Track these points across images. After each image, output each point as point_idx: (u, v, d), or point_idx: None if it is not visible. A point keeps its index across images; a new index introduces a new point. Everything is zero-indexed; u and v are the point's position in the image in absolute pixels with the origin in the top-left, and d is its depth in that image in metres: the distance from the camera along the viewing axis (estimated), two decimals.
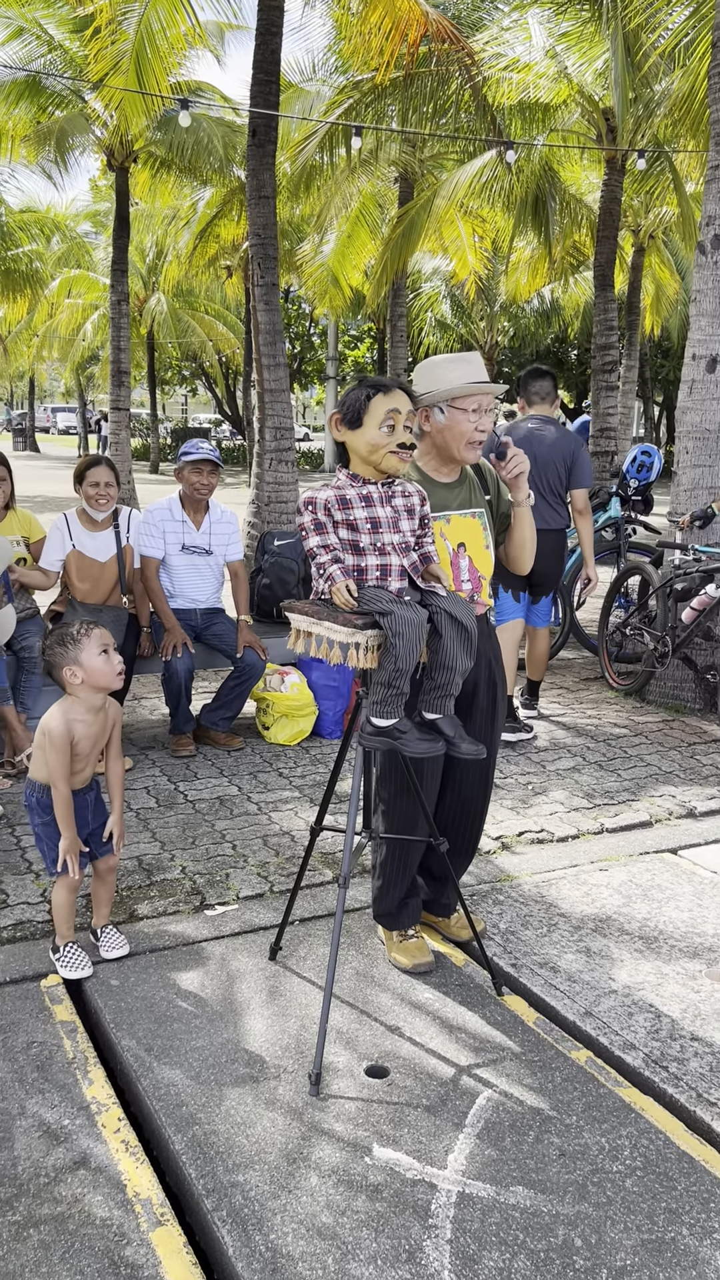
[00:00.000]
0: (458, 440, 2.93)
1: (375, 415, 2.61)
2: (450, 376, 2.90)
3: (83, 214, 28.37)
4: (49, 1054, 2.70)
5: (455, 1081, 2.62)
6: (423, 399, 2.90)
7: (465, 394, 2.88)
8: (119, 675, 3.00)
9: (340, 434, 2.68)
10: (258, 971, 3.10)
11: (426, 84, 11.86)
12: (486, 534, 3.06)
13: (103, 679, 2.97)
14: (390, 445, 2.61)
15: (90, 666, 2.95)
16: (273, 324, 10.03)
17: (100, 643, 2.97)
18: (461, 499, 3.04)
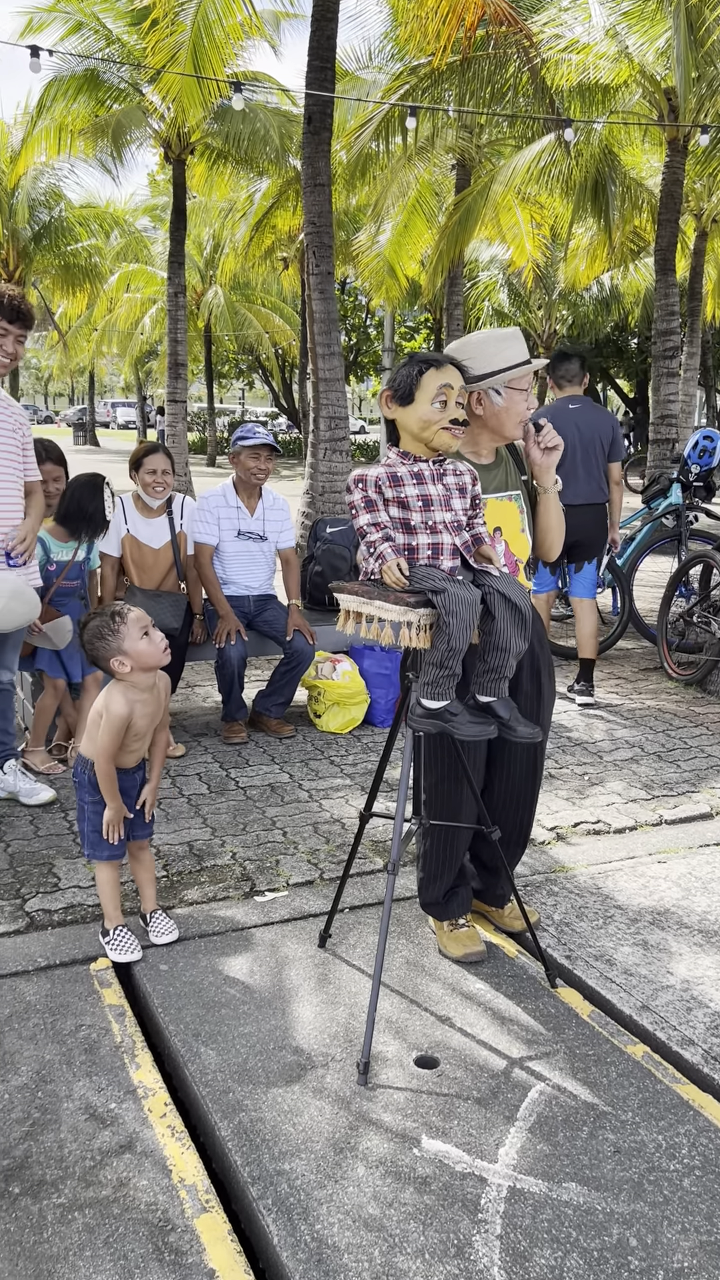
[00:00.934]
0: (512, 420, 2.86)
1: (427, 391, 2.54)
2: (503, 356, 2.82)
3: (141, 208, 28.58)
4: (97, 1037, 2.69)
5: (507, 1074, 2.56)
6: (483, 383, 2.83)
7: (526, 373, 2.81)
8: (165, 652, 2.97)
9: (391, 410, 2.62)
10: (307, 959, 3.06)
11: (484, 68, 11.71)
12: (523, 516, 2.99)
13: (150, 660, 2.94)
14: (443, 421, 2.55)
15: (136, 651, 2.92)
16: (327, 313, 9.99)
17: (139, 625, 2.94)
18: (498, 481, 2.97)
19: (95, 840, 3.01)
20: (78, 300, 23.11)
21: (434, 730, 2.64)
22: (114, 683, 2.98)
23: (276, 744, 4.98)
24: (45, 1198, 2.15)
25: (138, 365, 34.84)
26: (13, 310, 3.65)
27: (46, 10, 14.07)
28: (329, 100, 9.80)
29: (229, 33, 12.47)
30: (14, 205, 19.18)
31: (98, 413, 55.70)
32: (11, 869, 3.60)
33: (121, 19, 14.09)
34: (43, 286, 22.75)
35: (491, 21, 10.70)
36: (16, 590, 3.79)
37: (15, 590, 3.79)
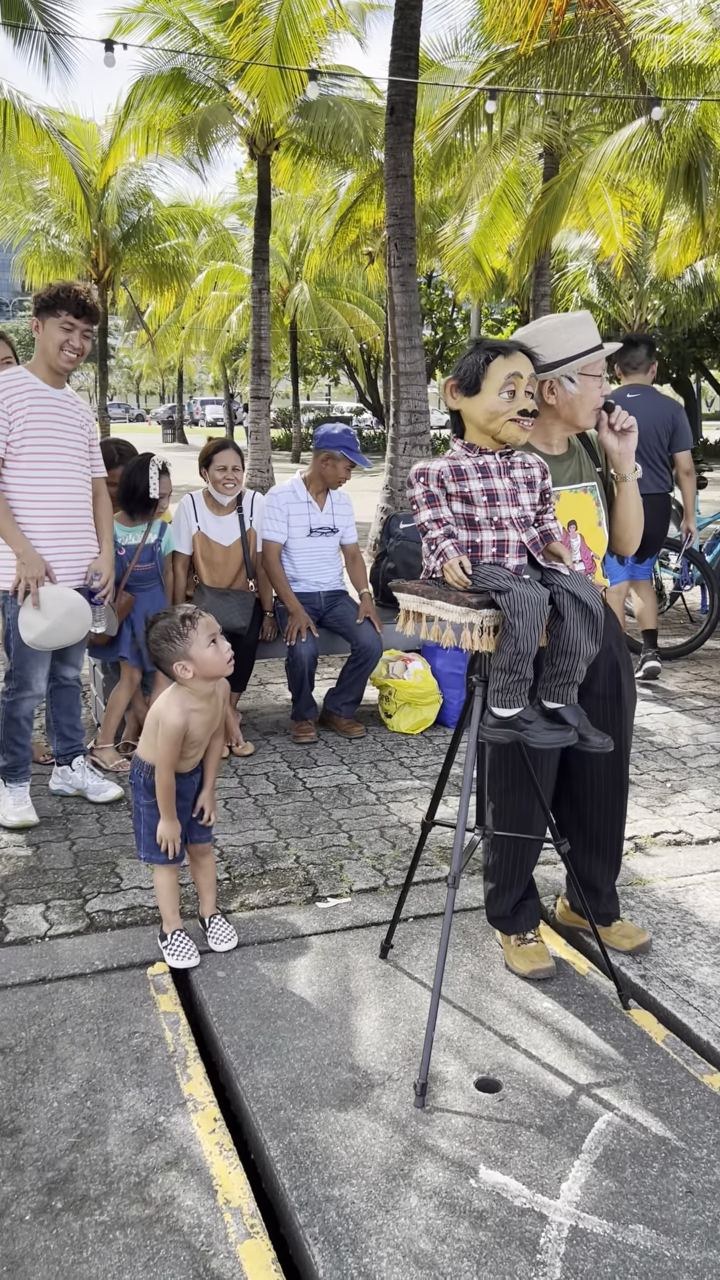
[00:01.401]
0: (586, 409, 2.72)
1: (494, 380, 2.41)
2: (575, 342, 2.67)
3: (229, 206, 28.78)
4: (150, 1045, 2.63)
5: (573, 1101, 2.42)
6: (558, 370, 2.68)
7: (599, 359, 2.66)
8: (229, 663, 2.89)
9: (456, 401, 2.49)
10: (367, 970, 2.96)
11: (572, 52, 11.43)
12: (599, 509, 2.83)
13: (214, 669, 2.86)
14: (510, 412, 2.41)
15: (200, 659, 2.84)
16: (409, 305, 9.86)
17: (208, 632, 2.85)
18: (571, 473, 2.81)
19: (152, 843, 2.95)
20: (165, 299, 23.37)
21: (508, 739, 2.51)
22: (172, 689, 2.91)
23: (346, 744, 4.89)
24: (87, 1214, 2.08)
25: (225, 362, 35.13)
26: (79, 305, 3.62)
27: (135, 11, 14.21)
28: (412, 90, 9.67)
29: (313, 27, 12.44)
30: (104, 206, 19.45)
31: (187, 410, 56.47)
32: (75, 867, 3.57)
33: (208, 17, 14.15)
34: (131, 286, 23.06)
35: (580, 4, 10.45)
36: (72, 608, 3.72)
37: (71, 608, 3.71)
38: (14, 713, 3.83)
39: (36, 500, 3.73)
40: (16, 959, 2.99)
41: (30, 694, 3.84)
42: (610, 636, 2.91)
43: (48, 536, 3.75)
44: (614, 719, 2.92)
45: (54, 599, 3.67)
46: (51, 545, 3.76)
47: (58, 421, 3.76)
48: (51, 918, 3.23)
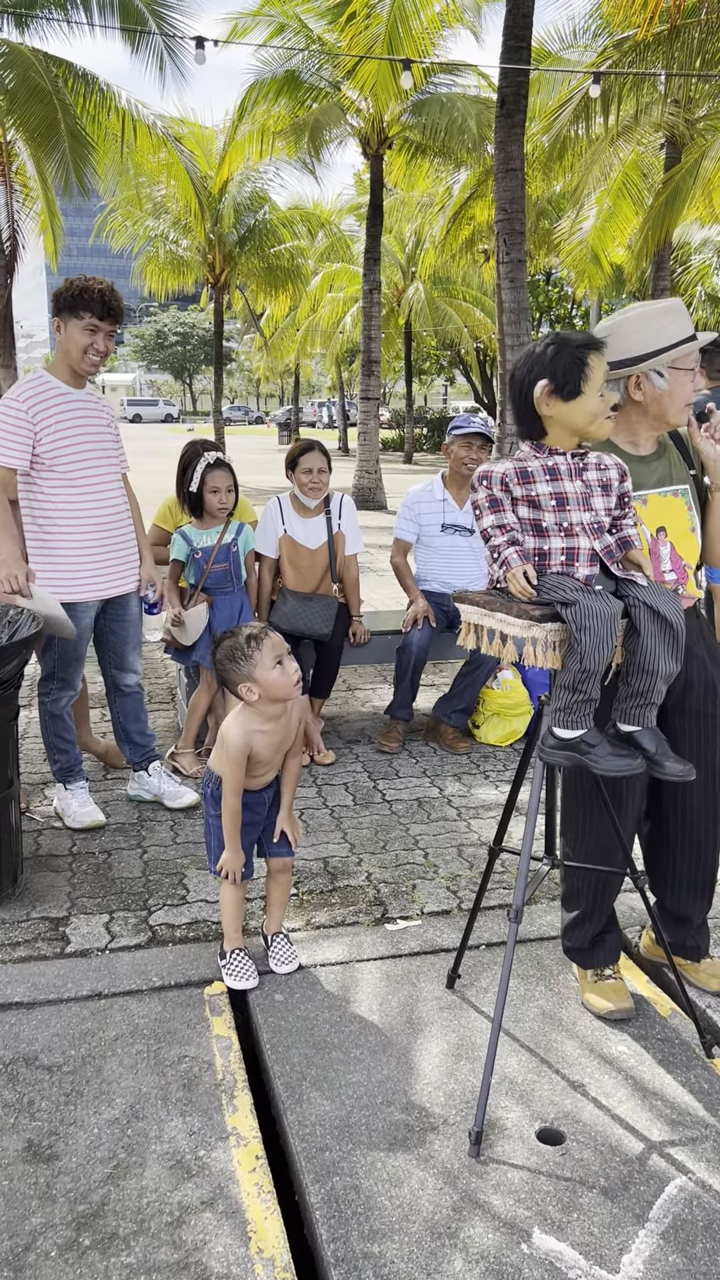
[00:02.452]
0: (677, 405, 2.50)
1: (595, 380, 2.22)
2: (666, 333, 2.45)
3: (346, 208, 28.84)
4: (198, 1071, 2.53)
5: (643, 1161, 2.22)
6: (641, 365, 2.47)
7: (689, 351, 2.44)
8: (296, 685, 2.75)
9: (552, 407, 2.28)
10: (432, 1000, 2.80)
11: (694, 36, 11.01)
12: (692, 514, 2.59)
13: (280, 691, 2.72)
14: (606, 410, 2.24)
15: (266, 681, 2.70)
16: (518, 302, 9.63)
17: (274, 653, 2.70)
18: (660, 475, 2.58)
19: (221, 856, 2.86)
20: (281, 302, 23.53)
21: (568, 763, 2.32)
22: (239, 708, 2.81)
23: (430, 755, 4.73)
24: (114, 1254, 1.99)
25: (340, 364, 35.24)
26: (103, 306, 3.52)
27: (251, 15, 14.31)
28: (523, 82, 9.43)
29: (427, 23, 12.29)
30: (220, 210, 19.68)
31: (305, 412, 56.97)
32: (144, 877, 3.51)
33: (322, 18, 14.14)
34: (248, 291, 23.29)
35: None
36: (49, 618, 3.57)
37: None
38: (54, 709, 3.81)
39: (76, 509, 3.66)
40: (75, 972, 2.93)
41: (71, 692, 3.83)
42: (704, 652, 2.68)
43: (91, 546, 3.70)
44: (710, 739, 2.69)
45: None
46: (96, 554, 3.71)
47: (87, 426, 3.69)
48: (114, 929, 3.17)
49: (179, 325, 67.78)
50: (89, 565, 3.72)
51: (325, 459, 4.61)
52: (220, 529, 4.37)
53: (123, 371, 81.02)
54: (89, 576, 3.72)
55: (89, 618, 3.78)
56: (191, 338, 67.01)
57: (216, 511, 4.32)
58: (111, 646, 3.95)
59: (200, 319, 61.50)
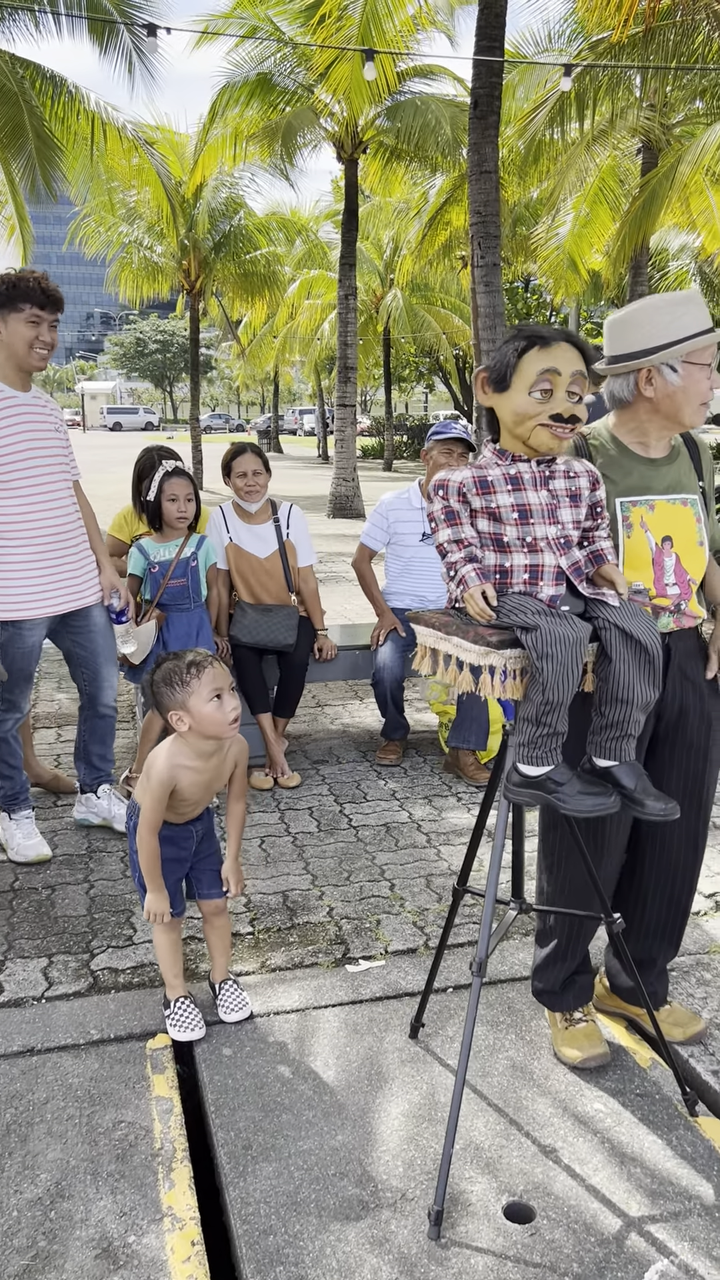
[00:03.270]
0: (692, 403, 2.28)
1: (526, 375, 2.02)
2: (681, 324, 2.23)
3: (323, 215, 28.69)
4: (135, 1139, 2.31)
5: (620, 1241, 2.01)
6: (653, 357, 2.26)
7: (706, 344, 2.24)
8: (233, 724, 2.52)
9: (486, 397, 2.11)
10: (394, 1053, 2.59)
11: (669, 38, 10.90)
12: (700, 526, 2.37)
13: (212, 727, 2.50)
14: (542, 416, 2.02)
15: (199, 713, 2.48)
16: (493, 306, 9.45)
17: (212, 686, 2.48)
18: (670, 481, 2.37)
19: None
20: (258, 308, 23.32)
21: (534, 802, 2.12)
22: (172, 739, 2.59)
23: (402, 776, 4.52)
24: None
25: (319, 371, 35.08)
26: (43, 295, 3.32)
27: (222, 17, 14.12)
28: (497, 83, 9.27)
29: (400, 27, 12.14)
30: (195, 216, 19.46)
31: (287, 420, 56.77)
32: (89, 915, 3.28)
33: (296, 20, 13.96)
34: (225, 298, 23.07)
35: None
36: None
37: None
38: (1, 732, 3.59)
39: (26, 521, 3.45)
40: (6, 1024, 2.70)
41: (17, 714, 3.61)
42: (699, 676, 2.46)
43: (42, 559, 3.48)
44: (700, 773, 2.48)
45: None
46: (48, 567, 3.49)
47: (35, 431, 3.47)
48: (53, 975, 2.94)
49: (159, 333, 67.50)
50: (38, 580, 3.50)
51: (260, 460, 4.42)
52: (179, 542, 4.16)
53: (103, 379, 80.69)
54: (38, 592, 3.50)
55: (37, 636, 3.55)
56: (171, 346, 66.72)
57: (175, 522, 4.11)
58: (83, 662, 3.74)
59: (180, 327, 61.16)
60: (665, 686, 2.37)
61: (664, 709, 2.39)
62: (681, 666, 2.38)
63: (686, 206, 15.30)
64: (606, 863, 2.45)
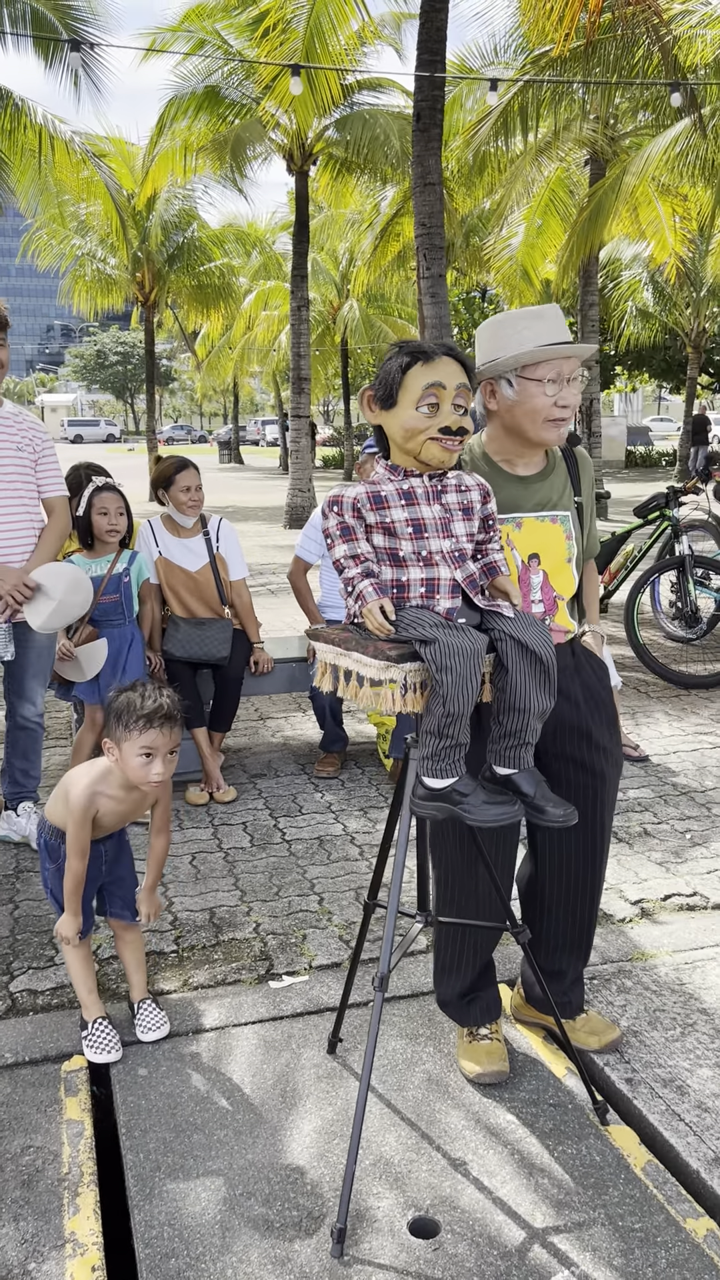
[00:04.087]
0: (531, 419, 2.27)
1: (411, 391, 2.03)
2: (520, 338, 2.26)
3: (279, 226, 28.75)
4: (42, 1164, 2.28)
5: (523, 1253, 2.01)
6: (483, 369, 2.29)
7: (538, 359, 2.24)
8: (153, 785, 2.49)
9: (373, 415, 2.11)
10: (311, 1069, 2.58)
11: (610, 51, 11.01)
12: (570, 544, 2.39)
13: (131, 776, 2.48)
14: (431, 430, 2.03)
15: (126, 760, 2.46)
16: (439, 317, 9.49)
17: (146, 744, 2.43)
18: (540, 498, 2.38)
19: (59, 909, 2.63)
20: (214, 320, 23.31)
21: (440, 815, 2.12)
22: (91, 763, 2.58)
23: (339, 788, 4.51)
24: None
25: (279, 382, 35.09)
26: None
27: (170, 30, 14.12)
28: (439, 96, 9.33)
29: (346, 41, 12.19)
30: (148, 229, 19.43)
31: (250, 431, 56.69)
32: (11, 936, 3.25)
33: (243, 34, 14.00)
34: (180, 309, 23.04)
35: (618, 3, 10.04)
36: (73, 581, 3.62)
37: (72, 581, 3.61)
38: None
39: None
40: None
41: None
42: (580, 687, 2.47)
43: None
44: (587, 785, 2.48)
45: (51, 577, 3.57)
46: None
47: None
48: None
49: (119, 345, 67.30)
50: None
51: (199, 475, 4.42)
52: (111, 558, 4.14)
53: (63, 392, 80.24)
54: None
55: None
56: (132, 357, 66.56)
57: (106, 536, 4.09)
58: (10, 673, 3.76)
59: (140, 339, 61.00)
60: None
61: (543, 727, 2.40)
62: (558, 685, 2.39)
63: (635, 217, 15.49)
64: (502, 874, 2.46)
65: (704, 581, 6.68)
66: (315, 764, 4.75)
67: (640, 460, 32.61)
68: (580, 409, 16.27)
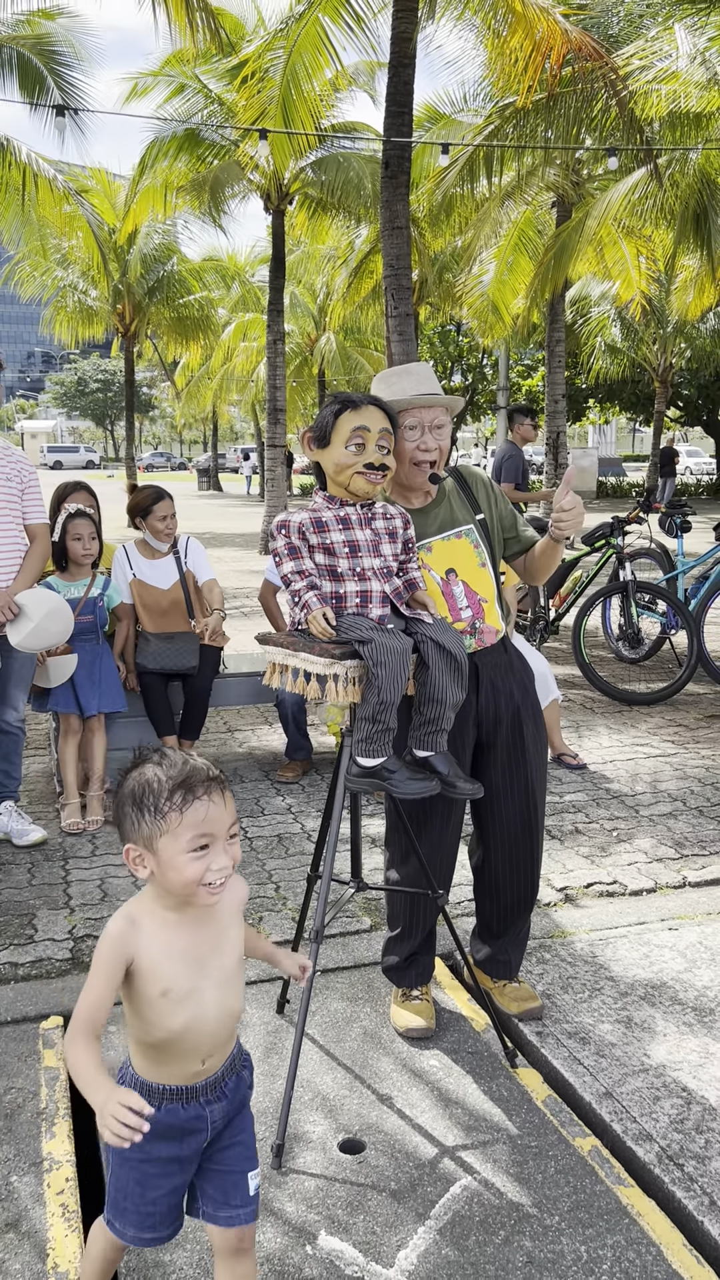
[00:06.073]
0: (402, 461, 2.66)
1: (342, 433, 2.42)
2: (390, 391, 2.67)
3: (258, 260, 29.34)
4: (22, 1102, 2.61)
5: (434, 1165, 2.36)
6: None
7: (400, 409, 2.61)
8: (218, 887, 1.63)
9: (312, 453, 2.51)
10: (261, 1025, 2.92)
11: (570, 104, 11.59)
12: (479, 551, 2.78)
13: (180, 885, 1.62)
14: (357, 465, 2.42)
15: (171, 861, 1.61)
16: (406, 354, 9.94)
17: (196, 827, 1.61)
18: (440, 521, 2.77)
19: (118, 1202, 1.76)
20: (193, 351, 23.78)
21: (371, 789, 2.50)
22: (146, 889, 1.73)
23: (299, 792, 4.87)
24: None
25: (258, 412, 35.61)
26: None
27: (151, 75, 14.63)
28: (406, 145, 9.83)
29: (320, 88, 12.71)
30: (128, 261, 19.91)
31: (230, 459, 57.22)
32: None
33: (222, 79, 14.52)
34: (159, 341, 23.51)
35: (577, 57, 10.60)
36: (54, 609, 3.97)
37: (52, 609, 3.96)
38: None
39: None
40: None
41: None
42: (513, 685, 2.86)
43: None
44: (520, 763, 2.86)
45: (34, 602, 3.93)
46: None
47: None
48: None
49: (100, 372, 67.79)
50: None
51: (174, 504, 4.80)
52: (87, 582, 4.50)
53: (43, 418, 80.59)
54: None
55: None
56: (113, 385, 67.01)
57: (80, 558, 4.45)
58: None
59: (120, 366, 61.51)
60: (479, 700, 2.76)
61: (482, 719, 2.78)
62: (491, 680, 2.77)
63: (602, 256, 16.10)
64: (439, 847, 2.82)
65: (651, 606, 7.10)
66: (278, 770, 5.11)
67: (611, 491, 33.27)
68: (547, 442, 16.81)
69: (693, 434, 50.03)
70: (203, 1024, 1.69)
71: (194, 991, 1.67)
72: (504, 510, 2.85)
